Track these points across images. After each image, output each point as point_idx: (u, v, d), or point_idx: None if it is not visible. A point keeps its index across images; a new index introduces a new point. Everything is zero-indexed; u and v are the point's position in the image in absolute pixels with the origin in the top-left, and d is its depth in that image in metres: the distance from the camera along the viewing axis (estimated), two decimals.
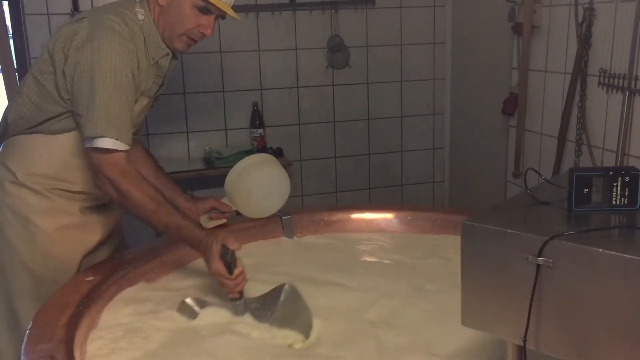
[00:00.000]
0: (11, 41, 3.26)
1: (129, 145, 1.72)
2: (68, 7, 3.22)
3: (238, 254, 1.68)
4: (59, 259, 1.84)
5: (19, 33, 3.23)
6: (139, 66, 1.78)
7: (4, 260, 1.84)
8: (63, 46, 1.75)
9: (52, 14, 3.22)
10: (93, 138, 1.68)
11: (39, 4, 3.21)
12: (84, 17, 1.78)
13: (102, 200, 1.93)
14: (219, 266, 1.64)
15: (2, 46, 3.12)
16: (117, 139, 1.68)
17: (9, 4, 3.20)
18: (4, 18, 3.16)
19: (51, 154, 1.82)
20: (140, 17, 1.79)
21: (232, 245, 1.65)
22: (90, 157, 1.73)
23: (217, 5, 1.76)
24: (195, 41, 1.85)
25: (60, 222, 1.85)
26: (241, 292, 1.68)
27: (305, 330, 1.57)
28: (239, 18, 1.89)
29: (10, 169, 1.83)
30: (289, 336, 1.57)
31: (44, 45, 1.84)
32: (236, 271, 1.65)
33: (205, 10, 1.78)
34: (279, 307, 1.63)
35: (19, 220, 1.82)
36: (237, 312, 1.67)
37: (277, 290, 1.67)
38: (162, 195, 1.75)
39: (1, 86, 3.36)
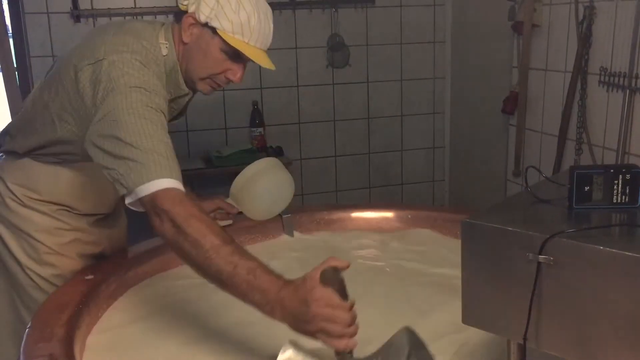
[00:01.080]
0: (11, 40, 3.26)
1: (183, 187, 1.41)
2: (68, 6, 3.22)
3: None
4: (64, 272, 1.76)
5: (19, 32, 3.23)
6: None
7: (13, 272, 1.77)
8: (85, 94, 1.50)
9: (52, 13, 3.22)
10: (144, 183, 1.35)
11: (39, 3, 3.20)
12: (103, 59, 1.49)
13: (105, 211, 1.87)
14: (326, 292, 1.16)
15: (2, 45, 3.12)
16: (173, 178, 1.38)
17: (9, 3, 3.20)
18: (4, 17, 3.16)
19: (57, 183, 1.71)
20: (164, 51, 1.58)
21: (340, 263, 1.22)
22: (145, 204, 1.36)
23: (249, 56, 1.56)
24: (220, 86, 1.65)
25: (66, 238, 1.77)
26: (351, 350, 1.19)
27: None
28: (274, 68, 1.64)
29: (10, 189, 1.72)
30: None
31: (57, 80, 1.60)
32: (350, 301, 1.19)
33: (235, 56, 1.57)
34: None
35: (24, 237, 1.73)
36: None
37: (398, 342, 1.21)
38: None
39: (1, 85, 3.36)
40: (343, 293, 1.20)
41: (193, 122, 3.51)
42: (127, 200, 1.39)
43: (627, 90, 2.48)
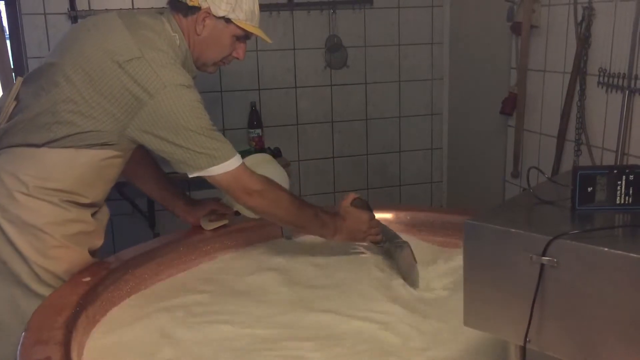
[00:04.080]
0: (8, 41, 3.24)
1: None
2: (65, 6, 3.21)
3: None
4: (71, 266, 1.77)
5: (16, 33, 3.22)
6: None
7: (15, 269, 1.78)
8: (128, 89, 1.64)
9: (49, 14, 3.21)
10: (219, 165, 1.76)
11: (36, 4, 3.19)
12: (140, 57, 1.64)
13: (101, 204, 1.90)
14: (368, 214, 1.93)
15: None
16: (235, 156, 1.79)
17: (6, 4, 3.19)
18: (1, 18, 3.14)
19: (72, 169, 1.73)
20: (177, 42, 1.78)
21: (354, 195, 1.96)
22: (225, 184, 1.79)
23: (257, 34, 1.83)
24: (225, 64, 1.91)
25: (73, 230, 1.79)
26: None
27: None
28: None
29: (22, 181, 1.72)
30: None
31: (71, 66, 1.67)
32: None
33: (243, 38, 1.84)
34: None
35: (31, 230, 1.74)
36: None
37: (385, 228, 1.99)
38: None
39: None
40: (370, 209, 1.96)
41: None
42: (192, 174, 1.78)
43: (626, 91, 2.48)
